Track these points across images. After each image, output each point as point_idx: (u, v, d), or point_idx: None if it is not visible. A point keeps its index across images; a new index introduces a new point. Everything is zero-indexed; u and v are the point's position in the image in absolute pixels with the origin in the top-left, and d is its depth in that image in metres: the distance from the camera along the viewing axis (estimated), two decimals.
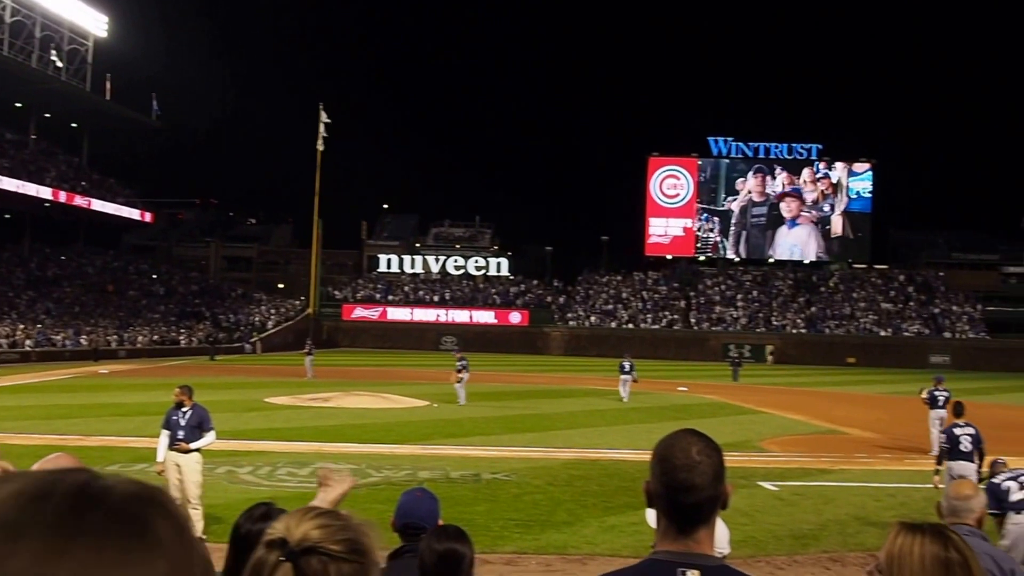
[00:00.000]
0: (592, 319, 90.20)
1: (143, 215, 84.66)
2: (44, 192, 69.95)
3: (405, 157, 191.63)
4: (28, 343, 55.10)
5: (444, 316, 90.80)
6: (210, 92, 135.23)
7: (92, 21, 78.04)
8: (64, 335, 59.20)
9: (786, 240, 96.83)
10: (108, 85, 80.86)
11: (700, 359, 77.98)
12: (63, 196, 71.99)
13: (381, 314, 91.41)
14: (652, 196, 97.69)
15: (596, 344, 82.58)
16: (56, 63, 75.29)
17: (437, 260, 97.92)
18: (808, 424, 28.45)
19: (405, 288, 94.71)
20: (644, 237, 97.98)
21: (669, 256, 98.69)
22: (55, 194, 71.08)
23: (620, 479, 16.38)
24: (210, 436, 12.27)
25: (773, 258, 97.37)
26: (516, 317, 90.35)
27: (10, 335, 55.04)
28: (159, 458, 12.20)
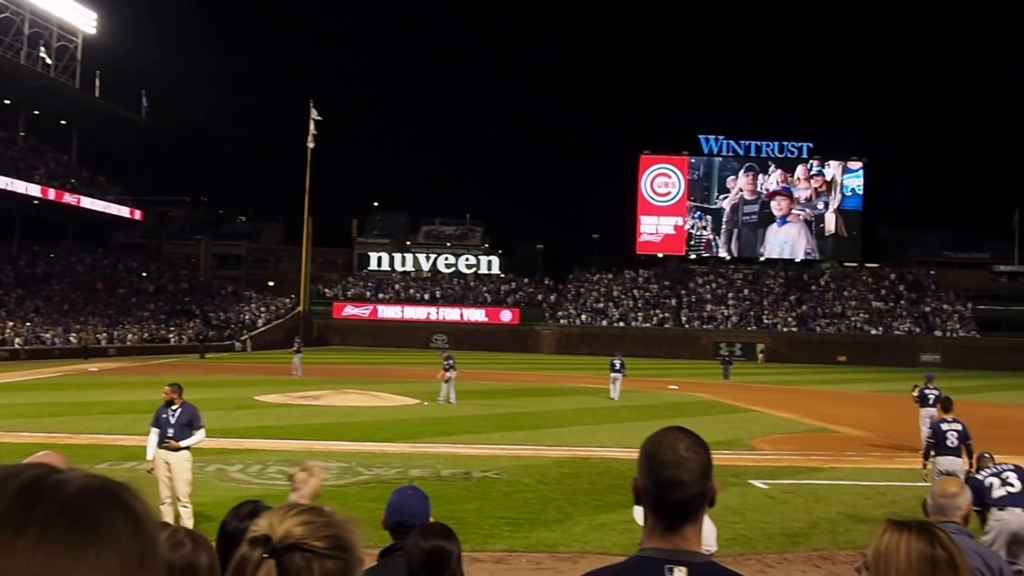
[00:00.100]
0: (583, 317, 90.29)
1: (133, 213, 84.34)
2: (33, 189, 69.69)
3: (396, 155, 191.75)
4: (17, 341, 54.87)
5: (435, 314, 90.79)
6: (200, 89, 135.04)
7: (81, 18, 77.75)
8: (53, 333, 59.02)
9: (776, 237, 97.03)
10: (97, 82, 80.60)
11: (691, 357, 78.16)
12: (52, 194, 71.76)
13: (372, 312, 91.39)
14: (643, 194, 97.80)
15: (587, 342, 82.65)
16: (45, 60, 74.97)
17: (428, 258, 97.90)
18: (799, 422, 28.49)
19: (396, 286, 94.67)
20: (635, 235, 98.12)
21: (660, 254, 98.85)
22: (44, 191, 70.86)
23: (611, 477, 16.37)
24: (200, 434, 12.22)
25: (764, 256, 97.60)
26: (507, 315, 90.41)
27: None
28: (148, 456, 12.15)
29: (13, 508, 0.87)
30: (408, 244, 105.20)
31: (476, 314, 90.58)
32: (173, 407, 12.09)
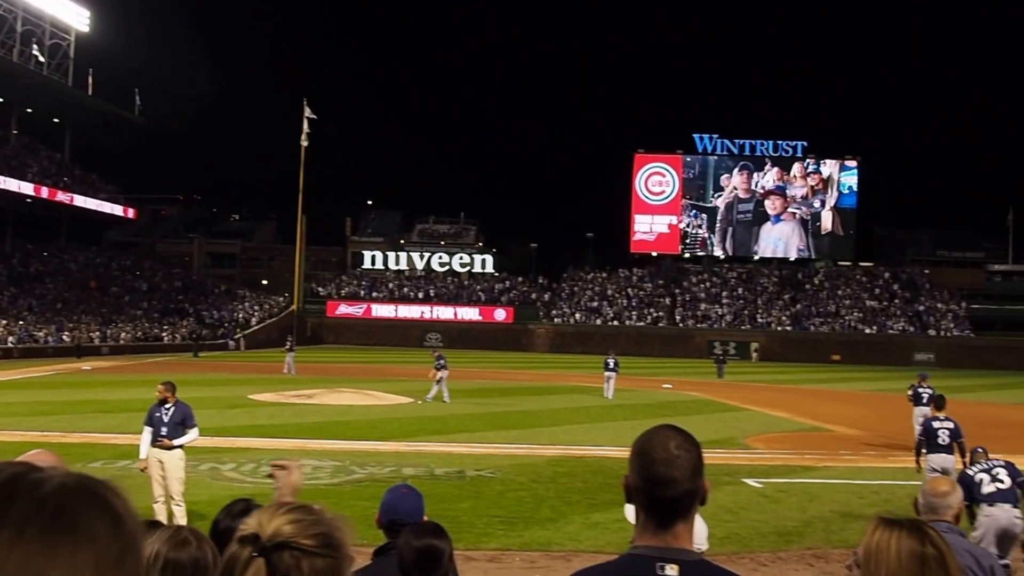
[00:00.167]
0: (577, 316, 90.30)
1: (126, 211, 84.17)
2: (26, 188, 69.51)
3: (390, 153, 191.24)
4: (10, 340, 54.78)
5: (429, 313, 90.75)
6: (193, 87, 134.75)
7: (74, 16, 77.54)
8: (47, 332, 58.90)
9: (770, 235, 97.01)
10: (90, 80, 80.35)
11: (685, 356, 78.20)
12: (45, 192, 71.60)
13: (365, 311, 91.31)
14: (637, 193, 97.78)
15: (581, 341, 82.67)
16: (38, 58, 74.81)
17: (422, 257, 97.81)
18: (793, 421, 28.53)
19: (390, 285, 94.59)
20: (629, 234, 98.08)
21: (654, 253, 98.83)
22: (37, 190, 70.67)
23: (604, 476, 16.37)
24: (193, 433, 12.20)
25: (758, 254, 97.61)
26: (501, 314, 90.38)
27: None
28: (142, 455, 12.13)
29: None
30: (402, 243, 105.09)
31: (470, 313, 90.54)
32: (166, 406, 12.08)
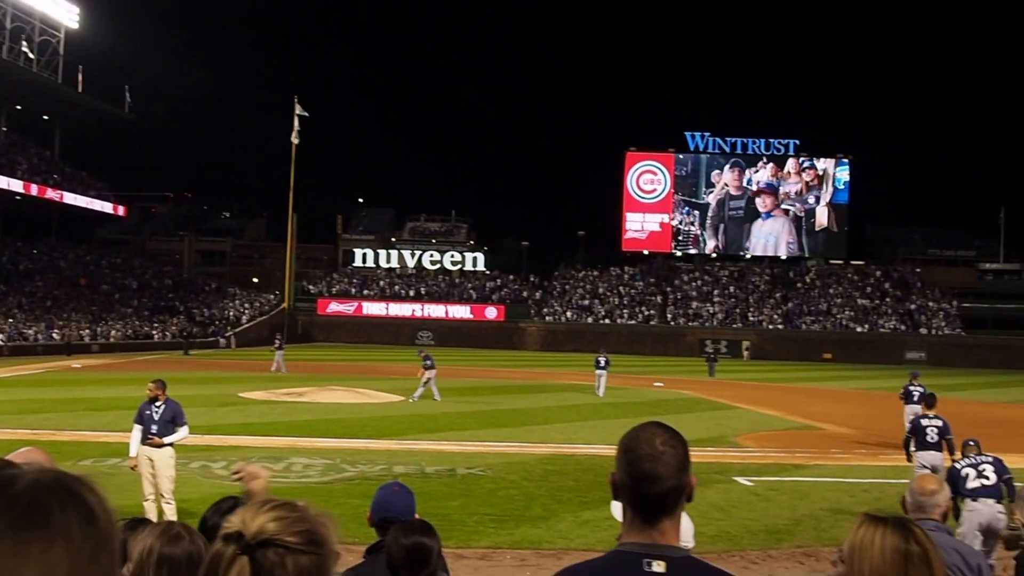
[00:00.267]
0: (568, 314, 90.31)
1: (116, 209, 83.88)
2: (15, 185, 69.16)
3: (381, 151, 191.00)
4: (0, 338, 54.57)
5: (420, 311, 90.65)
6: (184, 84, 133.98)
7: (64, 12, 77.15)
8: (36, 329, 58.69)
9: (761, 231, 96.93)
10: (80, 77, 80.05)
11: (676, 354, 78.20)
12: (35, 189, 71.26)
13: (356, 309, 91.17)
14: (629, 191, 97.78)
15: (572, 339, 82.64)
16: (27, 55, 74.41)
17: (413, 255, 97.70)
18: (784, 420, 28.58)
19: (381, 283, 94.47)
20: (621, 232, 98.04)
21: (646, 251, 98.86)
22: (27, 187, 70.31)
23: (595, 474, 16.36)
24: (183, 431, 12.17)
25: (750, 250, 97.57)
26: (492, 312, 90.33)
27: None
28: (132, 453, 12.10)
29: None
30: (393, 241, 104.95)
31: (461, 311, 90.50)
32: (157, 404, 12.05)
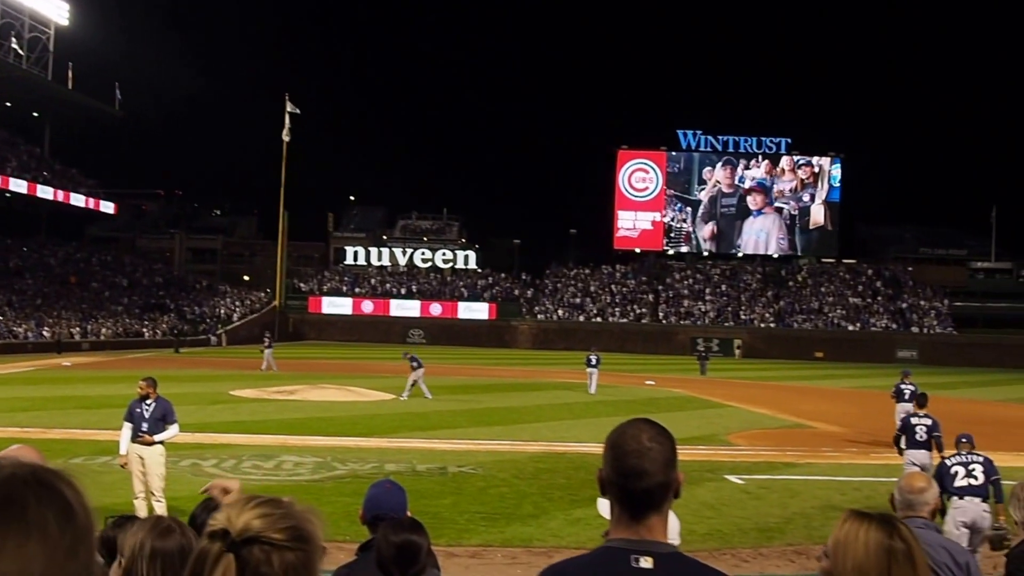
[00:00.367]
0: (560, 312, 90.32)
1: (100, 205, 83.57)
2: (7, 183, 68.87)
3: (372, 149, 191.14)
4: None
5: (411, 309, 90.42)
6: (174, 81, 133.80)
7: (53, 8, 76.76)
8: (26, 327, 58.48)
9: (752, 228, 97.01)
10: (70, 74, 79.76)
11: (668, 353, 78.33)
12: (25, 186, 71.00)
13: (348, 307, 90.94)
14: (621, 189, 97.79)
15: (564, 337, 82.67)
16: (17, 51, 74.08)
17: (404, 253, 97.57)
18: (775, 418, 28.60)
19: (372, 281, 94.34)
20: (612, 230, 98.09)
21: (638, 250, 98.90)
22: (4, 182, 69.90)
23: (587, 472, 16.34)
24: (173, 429, 12.13)
25: (741, 247, 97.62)
26: (484, 310, 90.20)
27: None
28: (122, 451, 12.06)
29: None
30: (384, 239, 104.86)
31: (453, 309, 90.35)
32: (147, 402, 12.00)
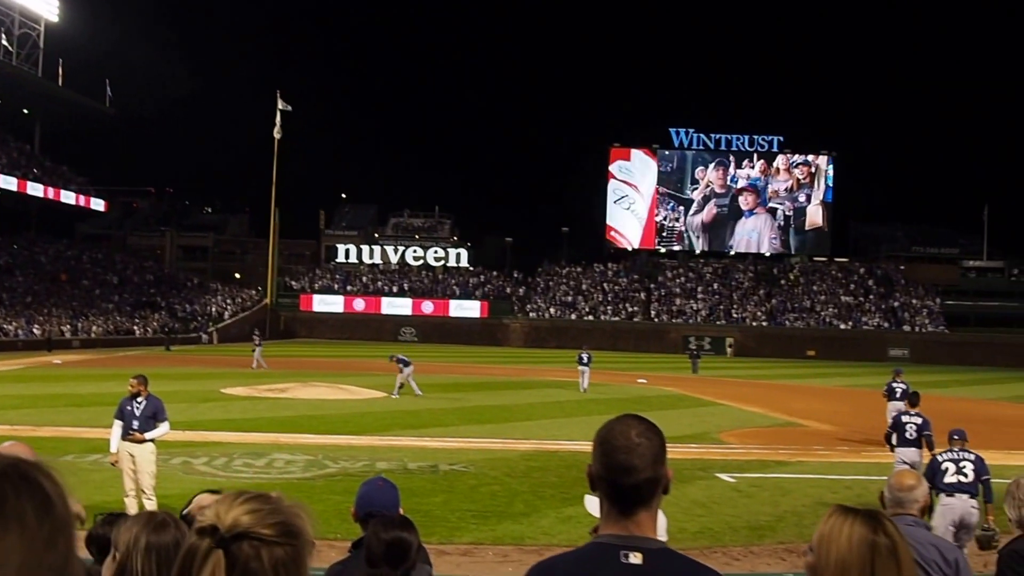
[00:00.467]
0: (552, 311, 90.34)
1: (95, 203, 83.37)
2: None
3: (364, 146, 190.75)
4: None
5: (403, 307, 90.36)
6: (166, 78, 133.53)
7: (43, 5, 76.52)
8: (16, 325, 58.28)
9: (744, 227, 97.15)
10: (60, 71, 79.52)
11: (660, 351, 78.40)
12: (15, 183, 70.75)
13: (339, 305, 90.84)
14: (612, 187, 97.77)
15: (556, 336, 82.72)
16: (7, 48, 73.82)
17: (396, 251, 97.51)
18: (767, 416, 28.65)
19: (364, 279, 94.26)
20: (604, 229, 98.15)
21: (630, 248, 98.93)
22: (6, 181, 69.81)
23: (578, 470, 16.28)
24: (164, 427, 12.11)
25: (733, 247, 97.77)
26: (476, 308, 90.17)
27: None
28: (112, 448, 12.04)
29: None
30: (376, 236, 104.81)
31: (444, 307, 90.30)
32: (138, 399, 11.97)
